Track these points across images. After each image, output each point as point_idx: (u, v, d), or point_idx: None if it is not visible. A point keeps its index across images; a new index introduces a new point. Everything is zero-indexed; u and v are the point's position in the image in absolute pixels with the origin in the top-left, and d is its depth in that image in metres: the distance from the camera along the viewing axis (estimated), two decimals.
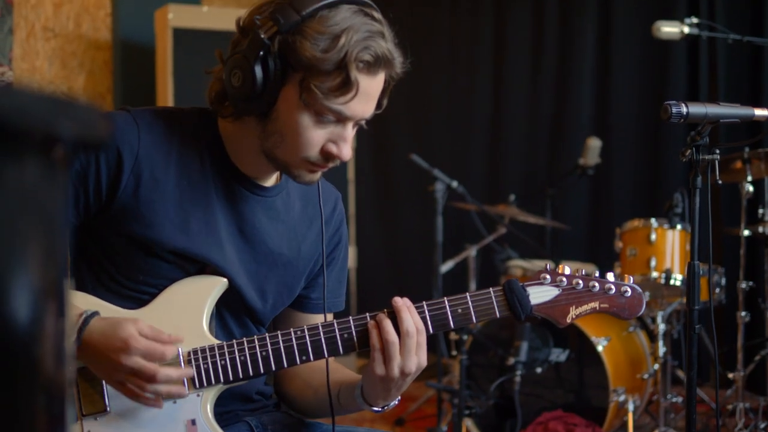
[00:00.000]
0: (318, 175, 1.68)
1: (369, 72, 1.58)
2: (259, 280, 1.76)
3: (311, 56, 1.53)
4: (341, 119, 1.60)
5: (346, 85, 1.55)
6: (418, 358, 1.64)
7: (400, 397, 1.72)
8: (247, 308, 1.77)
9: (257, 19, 1.56)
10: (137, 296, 1.68)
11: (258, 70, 1.55)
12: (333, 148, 1.62)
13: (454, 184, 4.10)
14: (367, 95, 1.59)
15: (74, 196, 1.62)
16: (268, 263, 1.76)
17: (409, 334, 1.62)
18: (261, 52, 1.55)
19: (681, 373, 4.07)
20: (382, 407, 1.72)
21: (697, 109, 1.94)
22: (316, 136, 1.60)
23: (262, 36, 1.54)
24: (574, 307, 1.71)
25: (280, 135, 1.61)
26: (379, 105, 1.67)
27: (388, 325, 1.63)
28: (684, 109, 1.93)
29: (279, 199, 1.77)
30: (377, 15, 1.60)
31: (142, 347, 1.55)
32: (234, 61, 1.59)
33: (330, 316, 1.90)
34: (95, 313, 1.60)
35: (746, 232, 3.78)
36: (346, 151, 1.63)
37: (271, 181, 1.76)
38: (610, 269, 4.04)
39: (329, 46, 1.53)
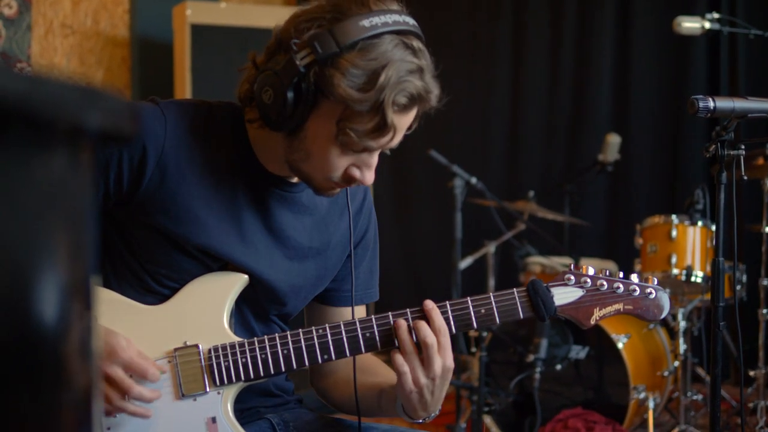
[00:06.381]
0: (338, 191, 1.68)
1: (404, 111, 1.55)
2: (291, 275, 1.75)
3: (346, 94, 1.49)
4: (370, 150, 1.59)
5: (383, 128, 1.53)
6: (442, 359, 1.62)
7: (441, 407, 1.70)
8: (278, 303, 1.76)
9: (294, 43, 1.51)
10: (159, 290, 1.68)
11: (290, 96, 1.52)
12: (357, 173, 1.61)
13: (473, 180, 4.08)
14: (399, 131, 1.58)
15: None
16: (299, 258, 1.75)
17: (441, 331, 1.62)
18: (295, 79, 1.52)
19: (701, 371, 4.04)
20: (424, 419, 1.70)
21: (724, 103, 1.91)
22: (341, 162, 1.59)
23: (298, 63, 1.50)
24: (598, 308, 1.69)
25: (306, 153, 1.59)
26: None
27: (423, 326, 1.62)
28: (711, 104, 1.90)
29: (305, 195, 1.75)
30: (418, 45, 1.55)
31: (126, 358, 1.55)
32: (267, 78, 1.55)
33: (362, 308, 1.90)
34: None
35: None
36: (369, 177, 1.62)
37: (296, 178, 1.73)
38: (630, 266, 4.02)
39: (366, 84, 1.49)
